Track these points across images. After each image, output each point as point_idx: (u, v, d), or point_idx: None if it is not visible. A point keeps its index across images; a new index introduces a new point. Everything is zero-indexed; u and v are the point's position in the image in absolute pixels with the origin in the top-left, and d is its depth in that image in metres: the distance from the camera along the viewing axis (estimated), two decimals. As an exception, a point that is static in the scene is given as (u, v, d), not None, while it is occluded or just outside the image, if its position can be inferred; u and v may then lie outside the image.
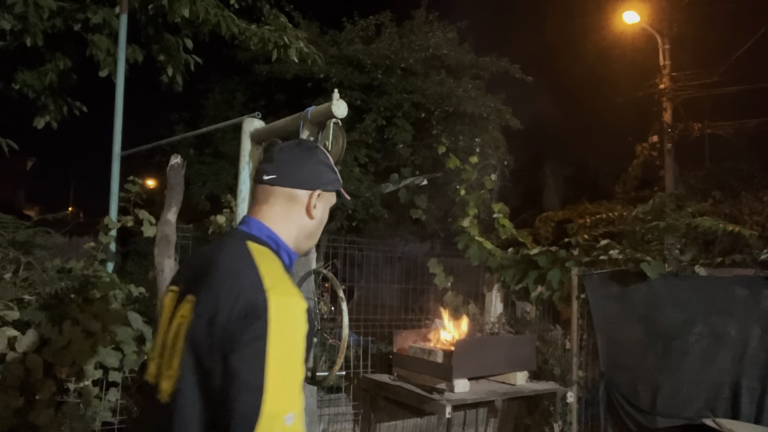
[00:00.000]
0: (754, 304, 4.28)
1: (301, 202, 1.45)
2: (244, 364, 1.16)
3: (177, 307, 1.35)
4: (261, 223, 1.42)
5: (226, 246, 1.39)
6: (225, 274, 1.28)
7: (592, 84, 14.93)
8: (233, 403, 1.15)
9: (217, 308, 1.22)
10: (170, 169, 3.53)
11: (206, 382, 1.21)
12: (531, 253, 5.23)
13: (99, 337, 3.11)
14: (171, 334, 1.33)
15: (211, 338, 1.21)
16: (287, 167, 1.44)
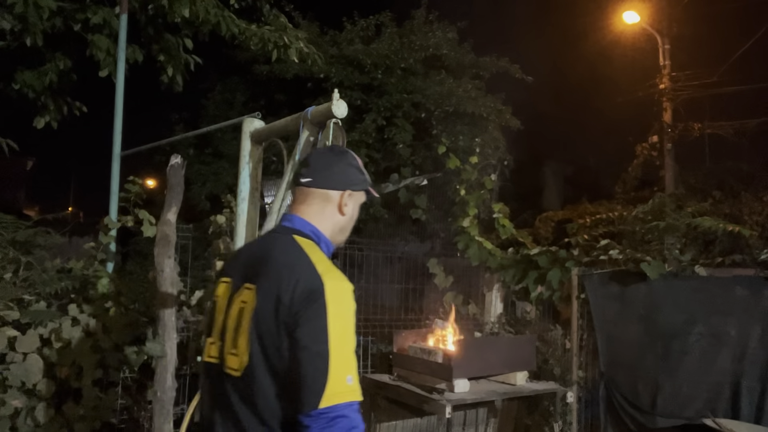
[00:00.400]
0: (754, 304, 4.28)
1: (333, 201, 1.66)
2: (310, 337, 1.39)
3: (234, 295, 1.57)
4: (303, 220, 1.65)
5: (277, 240, 1.62)
6: (282, 264, 1.51)
7: (592, 84, 14.92)
8: (304, 369, 1.38)
9: (280, 293, 1.44)
10: (170, 169, 3.53)
11: (274, 356, 1.43)
12: (531, 253, 5.23)
13: (100, 336, 3.11)
14: (231, 318, 1.54)
15: (277, 319, 1.43)
16: (321, 171, 1.66)
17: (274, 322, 1.44)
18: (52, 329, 3.00)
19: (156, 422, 3.00)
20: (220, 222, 4.27)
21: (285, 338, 1.42)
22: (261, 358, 1.45)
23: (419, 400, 4.02)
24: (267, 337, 1.44)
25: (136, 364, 3.13)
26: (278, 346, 1.42)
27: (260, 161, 3.02)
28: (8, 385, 2.87)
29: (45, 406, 2.92)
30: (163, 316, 3.13)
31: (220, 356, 1.56)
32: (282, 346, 1.42)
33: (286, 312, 1.42)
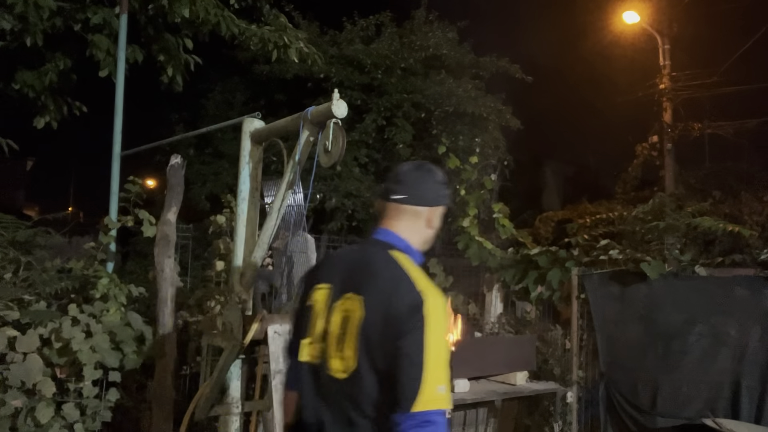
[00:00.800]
0: (754, 304, 4.28)
1: (423, 217, 1.80)
2: (410, 346, 1.55)
3: (335, 302, 1.72)
4: (396, 235, 1.79)
5: (376, 254, 1.76)
6: (386, 279, 1.67)
7: (592, 84, 14.92)
8: (402, 375, 1.54)
9: (389, 306, 1.61)
10: (170, 169, 3.53)
11: (379, 361, 1.60)
12: (531, 253, 5.23)
13: (100, 336, 3.11)
14: (334, 324, 1.70)
15: (385, 328, 1.60)
16: (413, 189, 1.79)
17: (382, 332, 1.61)
18: (52, 329, 3.00)
19: (156, 422, 3.00)
20: (220, 222, 4.26)
21: (390, 346, 1.59)
22: (367, 363, 1.62)
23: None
24: (374, 344, 1.62)
25: (136, 364, 3.13)
26: (384, 353, 1.60)
27: (260, 161, 3.02)
28: (8, 385, 2.87)
29: (45, 406, 2.92)
30: (163, 316, 3.13)
31: (320, 359, 1.72)
32: (387, 353, 1.60)
33: (393, 324, 1.60)
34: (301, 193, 3.66)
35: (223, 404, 2.89)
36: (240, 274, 2.89)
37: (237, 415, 2.92)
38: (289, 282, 3.24)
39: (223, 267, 3.97)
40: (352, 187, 8.60)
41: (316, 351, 1.74)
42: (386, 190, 1.83)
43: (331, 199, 8.50)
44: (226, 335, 2.73)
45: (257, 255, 2.82)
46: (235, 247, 2.94)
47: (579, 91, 15.76)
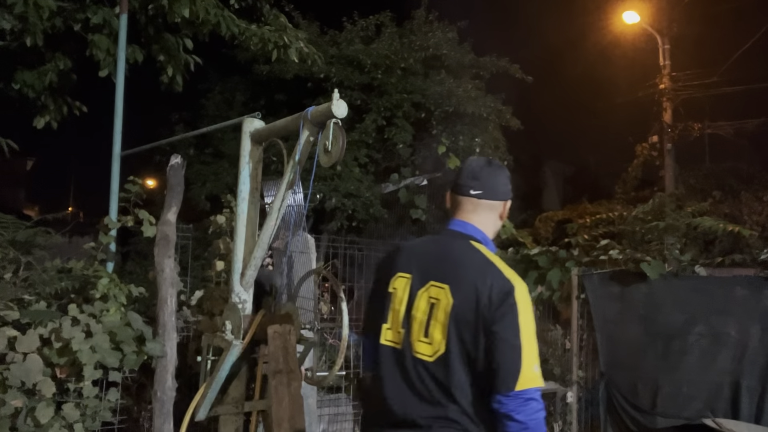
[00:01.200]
0: (754, 304, 4.28)
1: (497, 210, 1.93)
2: (506, 331, 1.68)
3: (418, 290, 1.83)
4: (475, 227, 1.90)
5: (457, 244, 1.88)
6: (473, 269, 1.79)
7: (592, 84, 14.92)
8: (501, 358, 1.67)
9: (478, 295, 1.72)
10: (170, 169, 3.53)
11: (470, 345, 1.72)
12: (531, 253, 5.23)
13: (100, 336, 3.11)
14: (419, 310, 1.81)
15: (476, 316, 1.71)
16: (489, 185, 1.91)
17: (474, 318, 1.72)
18: (52, 329, 3.00)
19: (156, 422, 3.00)
20: (220, 222, 4.26)
21: (482, 331, 1.70)
22: (457, 347, 1.73)
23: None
24: (465, 330, 1.72)
25: (136, 364, 3.13)
26: (475, 338, 1.71)
27: (260, 161, 3.02)
28: (8, 385, 2.86)
29: (45, 406, 2.92)
30: (163, 316, 3.13)
31: (403, 342, 1.82)
32: (479, 338, 1.70)
33: (485, 310, 1.71)
34: (301, 193, 3.66)
35: (223, 404, 2.89)
36: (240, 274, 2.89)
37: (237, 415, 2.92)
38: (289, 282, 3.24)
39: (223, 267, 3.97)
40: (352, 187, 8.60)
41: (398, 336, 1.84)
42: (461, 185, 1.93)
43: (331, 199, 8.50)
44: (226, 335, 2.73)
45: (257, 255, 2.82)
46: (235, 247, 2.94)
47: (579, 91, 15.76)
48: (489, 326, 1.70)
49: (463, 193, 1.93)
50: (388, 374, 1.86)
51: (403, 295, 1.86)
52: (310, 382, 3.15)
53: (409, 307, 1.84)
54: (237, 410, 2.92)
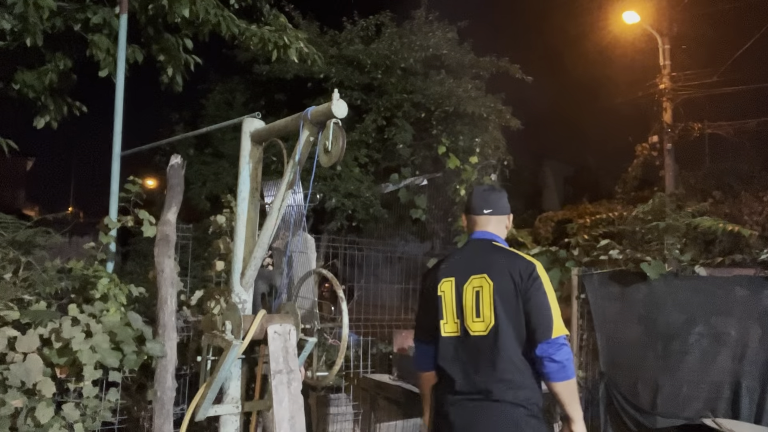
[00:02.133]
0: (754, 304, 4.28)
1: (504, 222, 2.66)
2: (538, 298, 2.33)
3: (462, 286, 2.46)
4: (492, 233, 2.60)
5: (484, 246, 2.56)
6: (502, 258, 2.46)
7: (593, 84, 14.93)
8: (540, 317, 2.31)
9: (511, 274, 2.38)
10: (170, 169, 3.53)
11: (513, 314, 2.34)
12: (531, 253, 5.22)
13: (100, 336, 3.11)
14: (468, 299, 2.42)
15: (516, 291, 2.35)
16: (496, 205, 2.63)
17: (513, 294, 2.35)
18: (52, 329, 3.00)
19: (156, 422, 3.00)
20: (220, 222, 4.26)
21: (521, 299, 2.34)
22: (504, 318, 2.34)
23: (419, 400, 4.02)
24: (507, 303, 2.35)
25: (136, 364, 3.13)
26: (516, 305, 2.34)
27: (260, 161, 3.02)
28: (8, 385, 2.86)
29: (45, 406, 2.92)
30: (163, 316, 3.13)
31: (460, 329, 2.43)
32: (519, 305, 2.34)
33: (520, 284, 2.35)
34: (301, 193, 3.66)
35: (223, 404, 2.89)
36: (240, 274, 2.89)
37: (237, 415, 2.92)
38: (289, 282, 3.24)
39: (223, 267, 3.97)
40: (352, 187, 8.60)
41: (455, 326, 2.45)
42: (475, 207, 2.63)
43: (331, 199, 8.49)
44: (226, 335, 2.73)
45: (257, 255, 2.82)
46: (235, 247, 2.94)
47: (579, 91, 15.77)
48: (525, 295, 2.34)
49: (477, 213, 2.62)
50: (452, 357, 2.43)
51: (452, 294, 2.48)
52: (310, 382, 3.15)
53: (459, 300, 2.45)
54: (237, 410, 2.92)
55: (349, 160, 8.76)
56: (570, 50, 15.13)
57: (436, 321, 2.48)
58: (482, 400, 2.31)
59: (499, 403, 2.29)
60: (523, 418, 2.29)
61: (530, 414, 2.31)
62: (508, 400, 2.29)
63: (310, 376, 3.10)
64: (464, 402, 2.36)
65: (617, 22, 13.74)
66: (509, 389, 2.29)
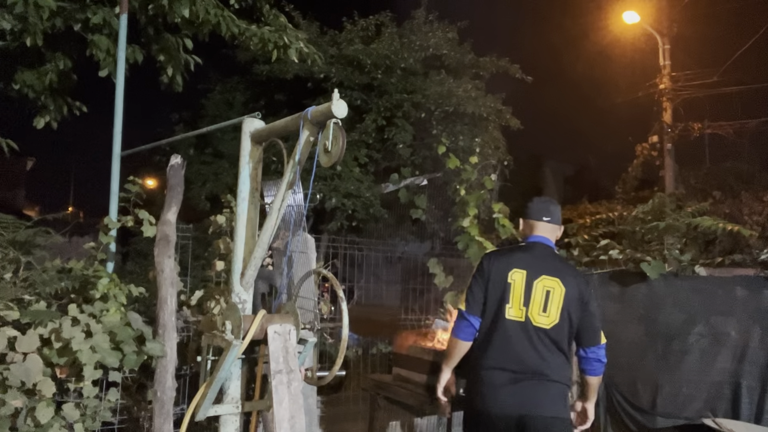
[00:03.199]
0: (754, 304, 4.28)
1: (557, 231, 3.13)
2: (594, 308, 2.96)
3: (533, 280, 2.89)
4: (549, 239, 3.07)
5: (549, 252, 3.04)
6: (569, 269, 3.02)
7: (593, 84, 14.94)
8: (593, 325, 2.96)
9: (578, 287, 2.92)
10: (170, 169, 3.52)
11: (575, 317, 2.90)
12: (531, 253, 5.21)
13: (100, 336, 3.11)
14: (537, 294, 2.88)
15: (580, 300, 2.91)
16: (555, 215, 3.12)
17: (578, 302, 2.90)
18: (52, 329, 2.99)
19: (156, 422, 3.00)
20: (220, 222, 4.26)
21: (582, 309, 2.91)
22: (567, 319, 2.87)
23: (419, 400, 4.02)
24: (573, 308, 2.89)
25: (136, 364, 3.13)
26: (576, 314, 2.90)
27: (260, 161, 3.02)
28: (8, 385, 2.86)
29: (45, 406, 2.92)
30: (163, 316, 3.12)
31: (525, 316, 2.86)
32: (579, 313, 2.91)
33: (584, 296, 2.92)
34: (301, 193, 3.66)
35: (223, 404, 2.89)
36: (240, 274, 2.89)
37: (237, 415, 2.92)
38: (289, 282, 3.24)
39: (223, 267, 3.97)
40: (352, 187, 8.60)
41: (521, 312, 2.87)
42: (536, 213, 3.10)
43: (331, 199, 8.49)
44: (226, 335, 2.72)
45: (257, 255, 2.82)
46: (235, 247, 2.94)
47: (579, 91, 15.78)
48: (585, 306, 2.91)
49: (538, 219, 3.08)
50: (515, 338, 2.85)
51: (522, 284, 2.88)
52: (310, 382, 3.15)
53: (527, 292, 2.87)
54: (237, 410, 2.92)
55: (349, 160, 8.75)
56: (570, 50, 15.14)
57: (500, 303, 2.89)
58: (540, 380, 2.81)
59: (554, 382, 2.84)
60: (565, 393, 2.92)
61: (566, 393, 2.94)
62: (560, 381, 2.86)
63: (309, 376, 3.10)
64: (522, 380, 2.81)
65: (617, 22, 13.75)
66: (559, 373, 2.86)
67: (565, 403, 2.88)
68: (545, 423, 2.77)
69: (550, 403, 2.81)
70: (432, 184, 7.96)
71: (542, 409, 2.79)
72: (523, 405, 2.77)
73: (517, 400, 2.78)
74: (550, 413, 2.80)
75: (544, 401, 2.80)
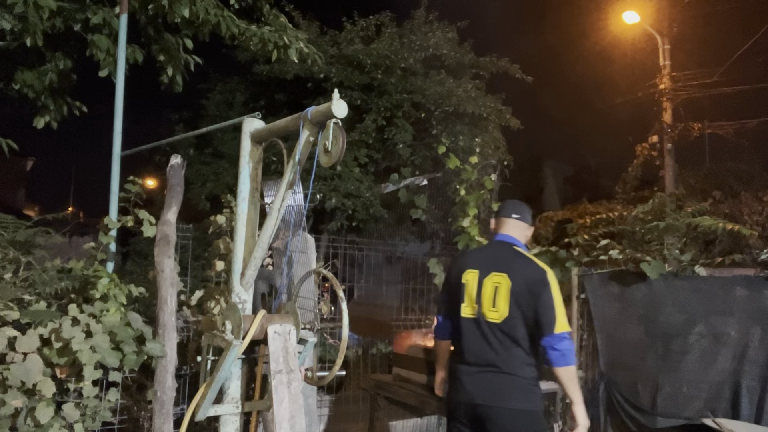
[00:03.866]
0: (754, 304, 4.28)
1: (526, 231, 3.21)
2: (546, 299, 2.90)
3: (484, 278, 3.01)
4: (513, 237, 3.15)
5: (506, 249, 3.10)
6: (521, 263, 3.01)
7: (593, 84, 14.95)
8: (546, 314, 2.89)
9: (526, 278, 2.94)
10: (170, 169, 3.52)
11: (525, 310, 2.92)
12: (531, 253, 5.21)
13: (100, 336, 3.11)
14: (487, 290, 2.98)
15: (528, 291, 2.92)
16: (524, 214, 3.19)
17: (527, 294, 2.91)
18: (52, 329, 2.99)
19: (156, 422, 3.00)
20: (220, 222, 4.26)
21: (532, 300, 2.90)
22: (516, 311, 2.91)
23: (419, 400, 4.02)
24: (521, 300, 2.91)
25: (136, 364, 3.13)
26: (528, 305, 2.91)
27: (260, 161, 3.02)
28: (8, 385, 2.86)
29: (45, 406, 2.92)
30: (163, 316, 3.13)
31: (477, 313, 2.99)
32: (530, 304, 2.91)
33: (532, 288, 2.92)
34: (301, 193, 3.66)
35: (223, 404, 2.89)
36: (240, 274, 2.89)
37: (237, 415, 2.92)
38: (289, 282, 3.24)
39: (223, 267, 3.97)
40: (352, 187, 8.60)
41: (473, 309, 3.01)
42: (505, 211, 3.18)
43: (331, 199, 8.49)
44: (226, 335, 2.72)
45: (257, 255, 2.82)
46: (235, 247, 2.94)
47: (579, 91, 15.78)
48: (536, 297, 2.90)
49: (506, 216, 3.17)
50: (468, 335, 3.01)
51: (474, 283, 3.02)
52: (310, 382, 3.15)
53: (479, 290, 3.00)
54: (237, 410, 2.92)
55: (349, 160, 8.75)
56: (570, 50, 15.14)
57: (457, 303, 3.06)
58: (494, 372, 2.93)
59: (511, 375, 2.91)
60: (528, 389, 2.93)
61: (532, 385, 2.95)
62: (518, 374, 2.91)
63: (309, 376, 3.10)
64: (477, 372, 2.98)
65: (617, 22, 13.74)
66: (518, 365, 2.91)
67: (525, 396, 2.91)
68: (499, 414, 2.89)
69: (505, 395, 2.90)
70: (432, 184, 7.96)
71: (495, 400, 2.91)
72: (478, 395, 2.95)
73: (473, 389, 2.97)
74: (505, 404, 2.89)
75: (497, 392, 2.91)
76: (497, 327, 2.93)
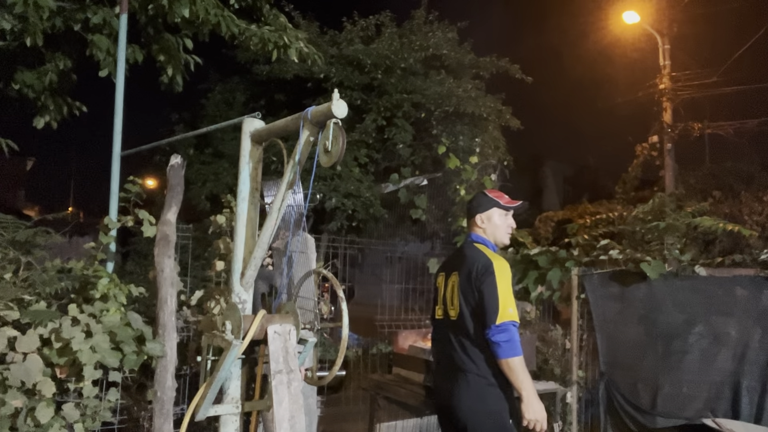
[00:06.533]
0: (754, 304, 4.28)
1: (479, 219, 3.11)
2: (487, 288, 2.83)
3: (448, 279, 3.08)
4: (477, 234, 3.12)
5: (466, 247, 3.09)
6: (470, 257, 2.98)
7: (593, 84, 14.94)
8: (487, 305, 2.80)
9: (471, 270, 2.91)
10: (170, 169, 3.52)
11: (470, 302, 2.91)
12: (531, 253, 5.22)
13: (100, 336, 3.11)
14: (449, 290, 3.05)
15: (470, 284, 2.90)
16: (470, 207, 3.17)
17: (469, 285, 2.90)
18: (52, 329, 2.99)
19: (156, 422, 3.00)
20: (220, 222, 4.26)
21: (475, 291, 2.87)
22: (465, 305, 2.93)
23: (419, 400, 4.02)
24: (467, 293, 2.91)
25: (136, 364, 3.13)
26: (473, 296, 2.88)
27: (260, 161, 3.02)
28: (8, 385, 2.86)
29: (45, 406, 2.92)
30: (163, 316, 3.12)
31: (444, 314, 3.09)
32: (474, 296, 2.88)
33: (475, 278, 2.87)
34: (301, 193, 3.65)
35: (223, 404, 2.89)
36: (240, 274, 2.89)
37: (237, 415, 2.92)
38: (289, 282, 3.24)
39: (223, 267, 3.97)
40: (352, 187, 8.60)
41: (442, 310, 3.12)
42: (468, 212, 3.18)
43: (331, 199, 8.49)
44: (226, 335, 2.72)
45: (257, 255, 2.82)
46: (235, 247, 2.94)
47: (579, 91, 15.78)
48: (478, 287, 2.85)
49: (468, 216, 3.18)
50: (438, 336, 3.16)
51: (442, 286, 3.14)
52: (310, 382, 3.15)
53: (444, 291, 3.10)
54: (237, 410, 2.92)
55: (349, 160, 8.76)
56: (570, 50, 15.15)
57: (434, 306, 3.23)
58: (456, 371, 2.93)
59: (467, 373, 2.89)
60: (483, 388, 2.87)
61: (489, 384, 2.86)
62: (473, 372, 2.88)
63: (309, 376, 3.10)
64: (443, 373, 3.05)
65: (617, 22, 13.75)
66: (473, 363, 2.88)
67: (478, 395, 2.86)
68: (461, 414, 2.90)
69: (462, 395, 2.90)
70: (432, 184, 7.97)
71: (455, 400, 2.93)
72: (445, 396, 3.00)
73: (442, 390, 3.05)
74: (462, 404, 2.90)
75: (456, 392, 2.92)
76: (455, 324, 2.97)
